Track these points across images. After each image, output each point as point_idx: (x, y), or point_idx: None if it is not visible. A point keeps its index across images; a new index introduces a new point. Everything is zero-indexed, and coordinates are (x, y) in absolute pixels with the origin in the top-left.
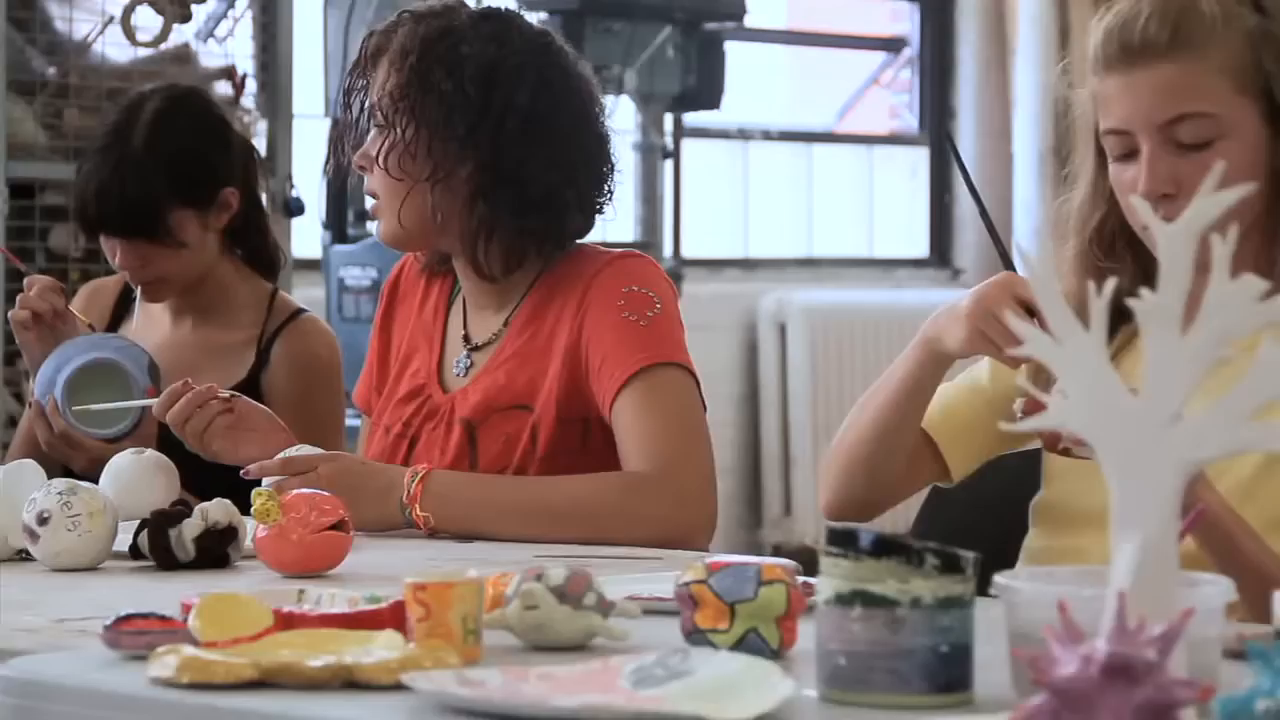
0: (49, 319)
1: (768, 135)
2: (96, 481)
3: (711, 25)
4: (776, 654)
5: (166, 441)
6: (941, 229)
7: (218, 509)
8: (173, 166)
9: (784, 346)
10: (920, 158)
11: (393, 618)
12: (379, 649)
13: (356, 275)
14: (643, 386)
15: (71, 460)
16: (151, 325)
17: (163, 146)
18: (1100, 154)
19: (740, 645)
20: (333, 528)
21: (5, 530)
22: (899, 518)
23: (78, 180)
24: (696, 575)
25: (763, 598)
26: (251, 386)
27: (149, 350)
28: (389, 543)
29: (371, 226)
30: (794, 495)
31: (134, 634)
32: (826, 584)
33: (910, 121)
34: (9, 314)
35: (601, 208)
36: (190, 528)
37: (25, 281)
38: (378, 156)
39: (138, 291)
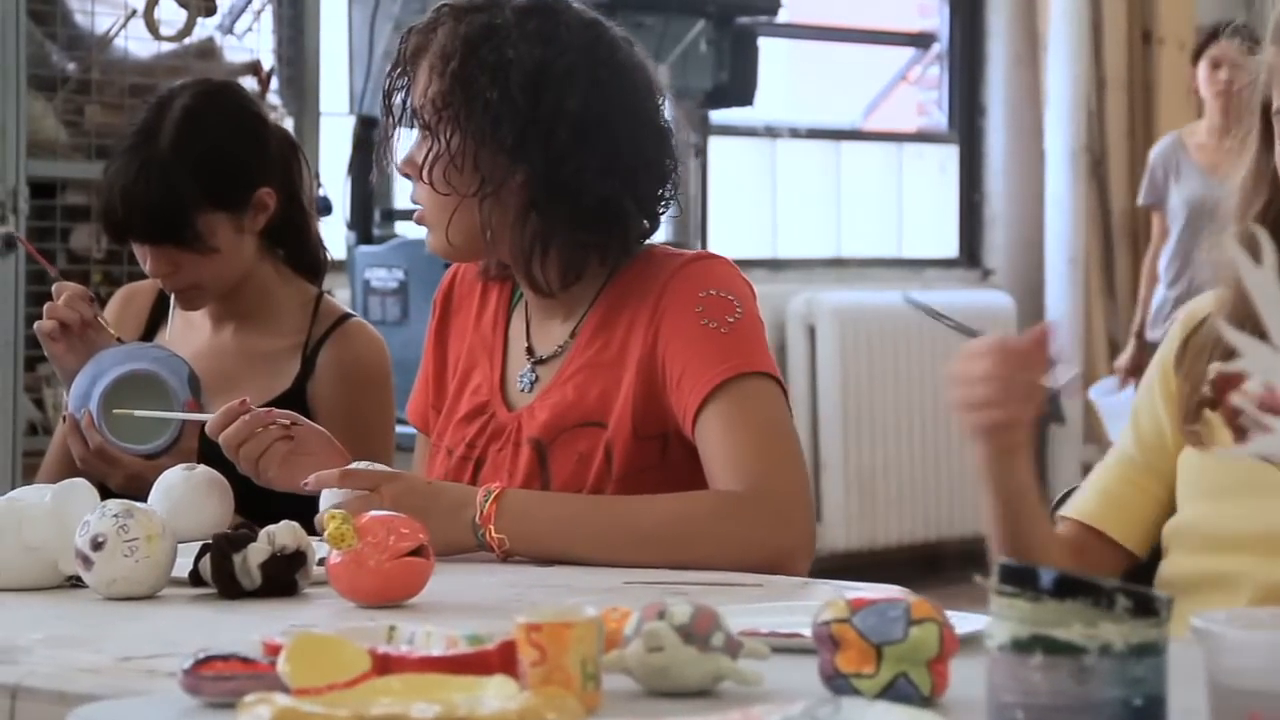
0: (77, 329)
1: (795, 133)
2: (135, 499)
3: (744, 20)
4: (928, 701)
5: (207, 456)
6: (971, 228)
7: (285, 532)
8: (202, 168)
9: (813, 348)
10: (949, 155)
11: (502, 660)
12: (491, 697)
13: (382, 277)
14: (728, 400)
15: (109, 477)
16: (190, 332)
17: (191, 147)
18: (1267, 132)
19: (888, 691)
20: (412, 553)
21: (55, 555)
22: None
23: (103, 182)
24: (837, 613)
25: (913, 639)
26: (296, 396)
27: (188, 359)
28: (460, 567)
29: (398, 226)
30: (824, 500)
31: (217, 679)
32: (1000, 627)
33: (939, 119)
34: (35, 325)
35: (666, 206)
36: (256, 553)
37: (54, 289)
38: (422, 168)
39: (173, 298)
